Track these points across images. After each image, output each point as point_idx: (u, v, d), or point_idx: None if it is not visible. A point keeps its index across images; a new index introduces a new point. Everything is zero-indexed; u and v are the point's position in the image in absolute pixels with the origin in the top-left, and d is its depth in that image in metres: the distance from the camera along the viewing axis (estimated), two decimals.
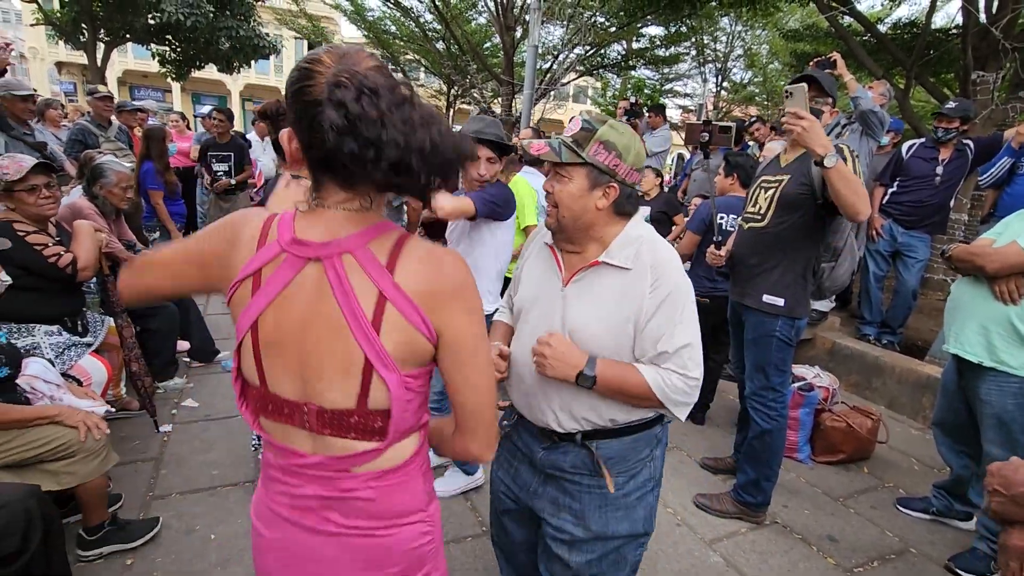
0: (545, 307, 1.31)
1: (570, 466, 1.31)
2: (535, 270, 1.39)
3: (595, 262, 1.24)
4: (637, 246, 1.23)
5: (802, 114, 1.87)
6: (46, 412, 1.91)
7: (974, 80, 5.12)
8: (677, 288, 1.20)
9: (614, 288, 1.22)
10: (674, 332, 1.19)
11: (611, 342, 1.22)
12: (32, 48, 25.12)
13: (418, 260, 0.81)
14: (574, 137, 1.21)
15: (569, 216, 1.23)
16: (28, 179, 2.35)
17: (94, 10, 11.77)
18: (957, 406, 2.45)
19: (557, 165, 1.23)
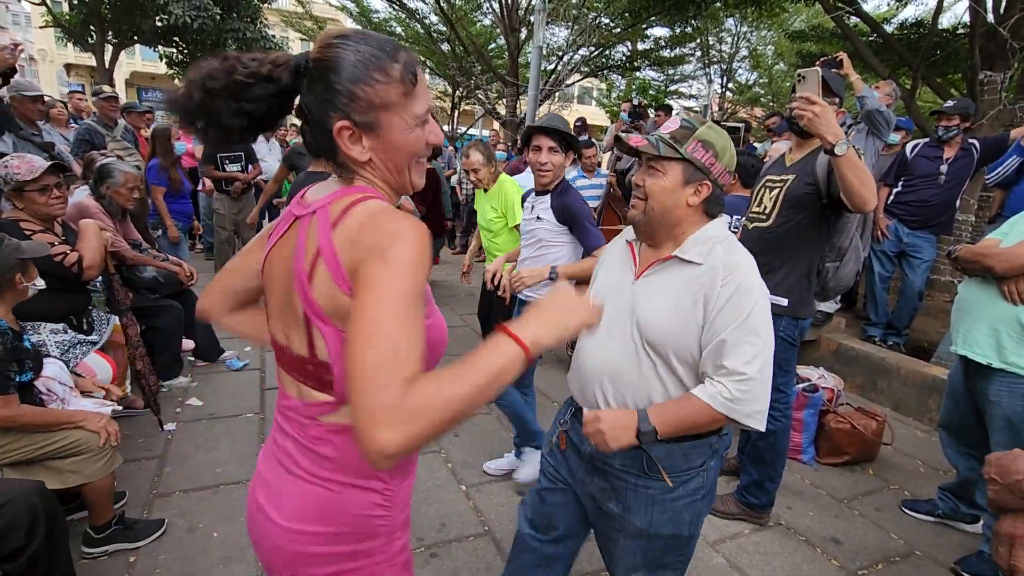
0: (616, 299, 1.32)
1: (619, 464, 1.31)
2: (613, 265, 1.42)
3: (668, 256, 1.26)
4: (711, 245, 1.24)
5: (814, 99, 1.79)
6: (73, 417, 1.94)
7: (981, 80, 5.08)
8: (749, 286, 1.19)
9: (683, 281, 1.23)
10: (739, 338, 1.16)
11: (677, 333, 1.22)
12: (41, 50, 25.35)
13: (357, 217, 0.79)
14: (672, 134, 1.23)
15: (659, 209, 1.25)
16: (40, 179, 2.38)
17: (103, 12, 11.88)
18: (964, 408, 2.43)
19: (652, 159, 1.25)
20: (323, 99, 0.81)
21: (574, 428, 1.43)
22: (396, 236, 0.75)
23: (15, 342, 1.85)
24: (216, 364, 3.82)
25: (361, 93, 0.80)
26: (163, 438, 2.88)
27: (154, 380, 2.76)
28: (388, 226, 0.77)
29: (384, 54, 0.82)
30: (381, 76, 0.81)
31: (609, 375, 1.30)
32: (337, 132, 0.81)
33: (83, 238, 2.59)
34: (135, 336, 2.72)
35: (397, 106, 0.83)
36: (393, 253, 0.74)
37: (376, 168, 0.87)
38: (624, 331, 1.28)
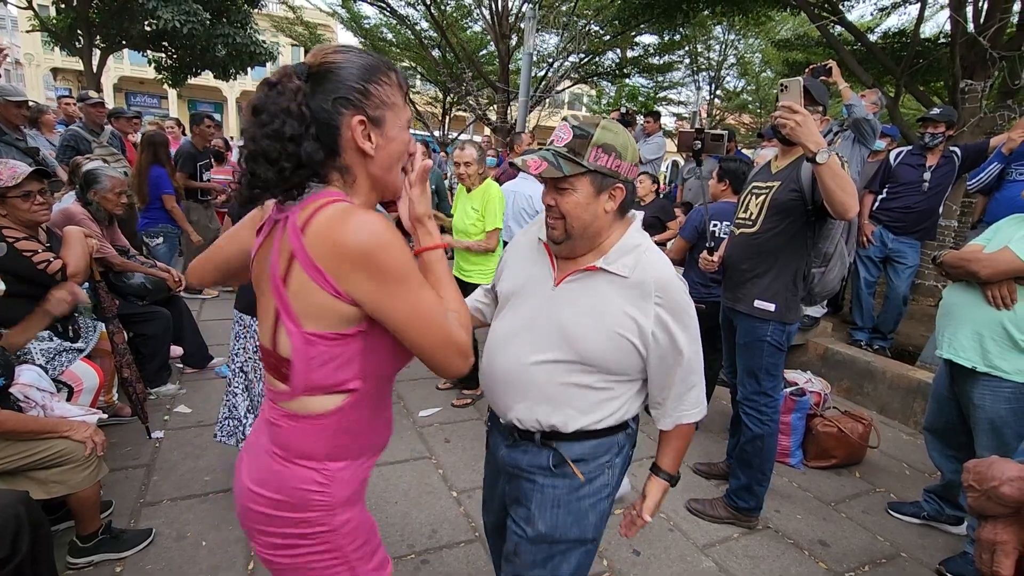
0: (533, 304, 1.29)
1: (527, 464, 1.31)
2: (524, 263, 1.36)
3: (591, 267, 1.22)
4: (637, 255, 1.22)
5: (796, 108, 1.83)
6: (58, 427, 1.91)
7: (963, 88, 5.18)
8: (680, 298, 1.22)
9: (613, 295, 1.21)
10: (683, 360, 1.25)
11: (609, 349, 1.21)
12: (28, 54, 25.08)
13: (324, 222, 0.85)
14: (569, 146, 1.17)
15: (579, 225, 1.20)
16: (23, 185, 2.35)
17: (90, 17, 11.77)
18: (948, 411, 2.46)
19: (557, 178, 1.18)
20: (335, 97, 0.87)
21: (492, 433, 1.46)
22: (369, 255, 0.84)
23: None
24: (205, 371, 3.79)
25: (374, 91, 0.90)
26: (151, 446, 2.85)
27: (141, 387, 2.73)
28: (356, 242, 0.84)
29: (383, 62, 0.94)
30: (386, 79, 0.92)
31: (522, 380, 1.27)
32: (353, 127, 0.89)
33: (67, 245, 2.56)
34: (122, 343, 2.69)
35: (397, 107, 0.94)
36: (380, 271, 0.85)
37: (372, 166, 0.94)
38: (547, 342, 1.24)
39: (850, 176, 1.97)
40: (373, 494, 2.57)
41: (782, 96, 1.90)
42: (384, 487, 2.66)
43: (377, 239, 0.84)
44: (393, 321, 0.89)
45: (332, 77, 0.87)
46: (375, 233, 0.84)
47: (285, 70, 0.88)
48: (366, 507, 1.12)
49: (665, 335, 1.21)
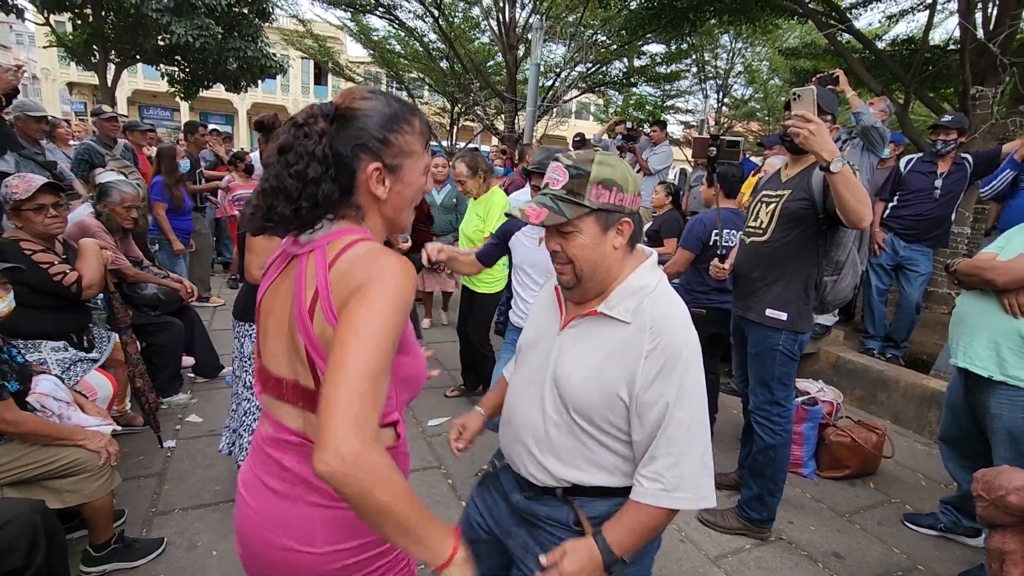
0: (542, 351, 1.23)
1: (546, 516, 1.22)
2: (540, 310, 1.32)
3: (592, 311, 1.15)
4: (639, 299, 1.13)
5: (809, 117, 1.80)
6: (74, 435, 1.94)
7: (973, 95, 5.16)
8: (676, 350, 1.07)
9: (609, 341, 1.12)
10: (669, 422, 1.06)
11: (596, 397, 1.11)
12: (44, 69, 25.61)
13: (350, 259, 0.86)
14: (567, 187, 1.11)
15: (589, 268, 1.13)
16: (36, 198, 2.39)
17: (106, 32, 12.02)
18: (964, 421, 2.43)
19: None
20: (356, 142, 0.89)
21: (504, 477, 1.34)
22: (383, 277, 0.83)
23: None
24: (216, 381, 3.82)
25: (394, 140, 0.92)
26: (162, 455, 2.87)
27: (154, 397, 2.75)
28: (376, 266, 0.84)
29: (408, 110, 0.95)
30: (408, 128, 0.94)
31: (531, 432, 1.20)
32: (369, 173, 0.91)
33: (83, 257, 2.60)
34: (135, 353, 2.72)
35: (416, 155, 0.96)
36: (372, 299, 0.81)
37: (384, 208, 0.96)
38: (543, 387, 1.19)
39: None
40: None
41: (795, 105, 1.88)
42: None
43: (381, 270, 0.83)
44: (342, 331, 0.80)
45: (356, 123, 0.90)
46: (384, 266, 0.84)
47: (312, 110, 0.90)
48: None
49: (651, 388, 1.07)
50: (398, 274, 0.84)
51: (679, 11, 8.12)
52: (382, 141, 0.91)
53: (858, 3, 7.66)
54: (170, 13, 10.91)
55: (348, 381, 0.76)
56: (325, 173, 0.87)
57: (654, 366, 1.06)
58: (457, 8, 13.84)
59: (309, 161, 0.86)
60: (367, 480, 0.73)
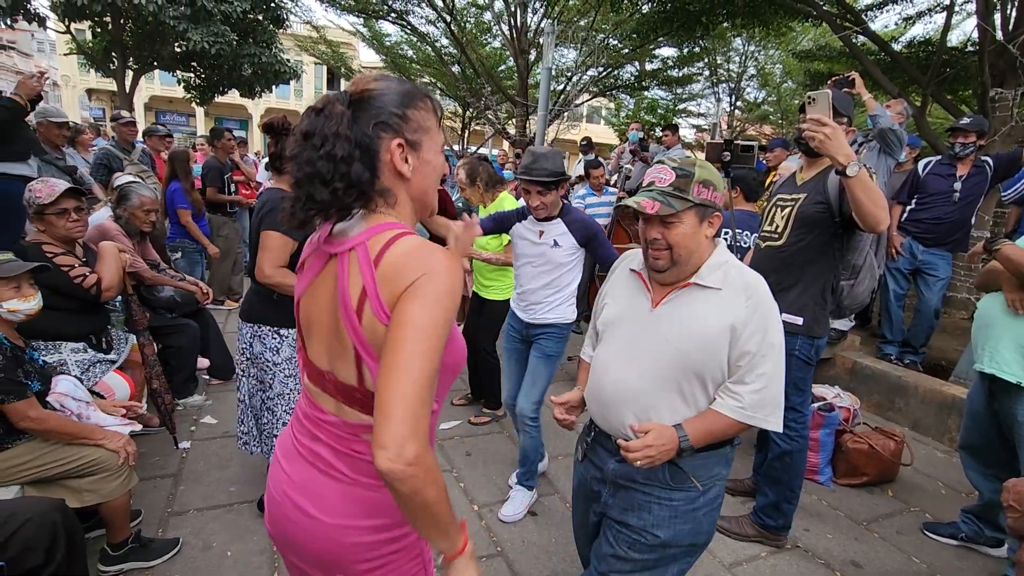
0: (634, 326, 1.42)
1: (643, 478, 1.40)
2: (620, 292, 1.51)
3: (687, 283, 1.35)
4: (725, 269, 1.36)
5: (825, 121, 1.79)
6: (94, 434, 1.97)
7: (992, 97, 5.08)
8: (769, 303, 1.33)
9: (708, 306, 1.33)
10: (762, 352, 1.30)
11: (707, 354, 1.31)
12: (65, 76, 26.14)
13: (397, 255, 0.87)
14: (674, 185, 1.32)
15: (686, 253, 1.34)
16: (59, 203, 2.44)
17: (124, 40, 12.24)
18: (986, 428, 2.38)
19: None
20: (375, 122, 0.90)
21: (595, 452, 1.53)
22: (434, 276, 0.84)
23: (14, 351, 1.87)
24: (231, 383, 3.85)
25: (412, 115, 0.93)
26: (178, 456, 2.90)
27: (170, 399, 2.78)
28: (425, 262, 0.85)
29: (420, 90, 0.97)
30: (423, 104, 0.96)
31: (634, 402, 1.38)
32: (392, 148, 0.92)
33: (102, 260, 2.64)
34: (152, 355, 2.75)
35: (433, 131, 0.98)
36: (426, 293, 0.83)
37: (411, 188, 0.97)
38: (650, 358, 1.36)
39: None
40: None
41: (810, 109, 1.85)
42: None
43: (433, 267, 0.85)
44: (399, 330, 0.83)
45: (372, 103, 0.91)
46: (434, 264, 0.85)
47: (328, 97, 0.91)
48: None
49: (750, 334, 1.30)
50: (447, 272, 0.86)
51: (692, 14, 8.10)
52: (401, 117, 0.92)
53: (874, 5, 7.58)
54: (187, 20, 11.09)
55: (406, 382, 0.80)
56: (353, 152, 0.88)
57: (752, 317, 1.30)
58: (469, 13, 13.91)
59: (335, 141, 0.87)
60: (423, 480, 0.79)
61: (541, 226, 2.52)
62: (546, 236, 2.50)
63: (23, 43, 29.15)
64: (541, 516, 2.65)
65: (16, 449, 1.86)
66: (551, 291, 2.55)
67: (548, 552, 2.40)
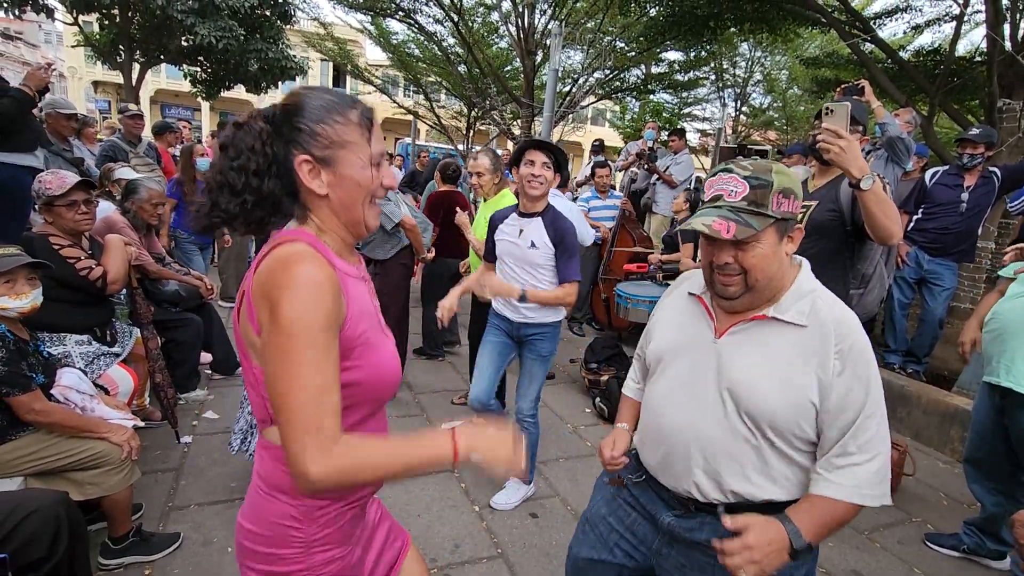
0: (694, 359, 1.20)
1: (707, 538, 1.15)
2: (676, 319, 1.29)
3: (762, 315, 1.13)
4: (812, 300, 1.13)
5: (841, 133, 1.75)
6: (99, 428, 1.97)
7: (1000, 108, 5.06)
8: (864, 351, 1.09)
9: (787, 346, 1.11)
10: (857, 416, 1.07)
11: (783, 405, 1.09)
12: (71, 68, 26.17)
13: (268, 263, 0.88)
14: (748, 199, 1.09)
15: (764, 278, 1.11)
16: (69, 195, 2.44)
17: (132, 33, 12.26)
18: (991, 441, 2.36)
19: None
20: (287, 139, 0.91)
21: (645, 493, 1.32)
22: (273, 285, 0.84)
23: (18, 344, 1.87)
24: (233, 378, 3.85)
25: (321, 131, 0.91)
26: (179, 451, 2.90)
27: (172, 393, 2.78)
28: (284, 274, 0.84)
29: (343, 101, 0.94)
30: (340, 118, 0.92)
31: (698, 442, 1.17)
32: (298, 165, 0.91)
33: (108, 253, 2.64)
34: (155, 349, 2.75)
35: (354, 145, 0.93)
36: (281, 303, 0.83)
37: (332, 204, 0.95)
38: (710, 395, 1.16)
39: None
40: (396, 506, 2.56)
41: (827, 119, 1.81)
42: (407, 499, 2.66)
43: (290, 281, 0.83)
44: (270, 345, 0.85)
45: (288, 120, 0.91)
46: (294, 276, 0.83)
47: (252, 112, 0.93)
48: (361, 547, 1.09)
49: (845, 385, 1.07)
50: (309, 281, 0.84)
51: (699, 19, 8.09)
52: (309, 133, 0.90)
53: (883, 13, 7.58)
54: (194, 14, 11.11)
55: (291, 408, 0.82)
56: (268, 168, 0.90)
57: (847, 367, 1.07)
58: (476, 13, 13.92)
59: (249, 155, 0.88)
60: (341, 482, 0.84)
61: (522, 223, 2.51)
62: (525, 236, 2.49)
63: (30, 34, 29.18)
64: (542, 518, 2.64)
65: (20, 441, 1.86)
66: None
67: (548, 555, 2.39)
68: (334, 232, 0.96)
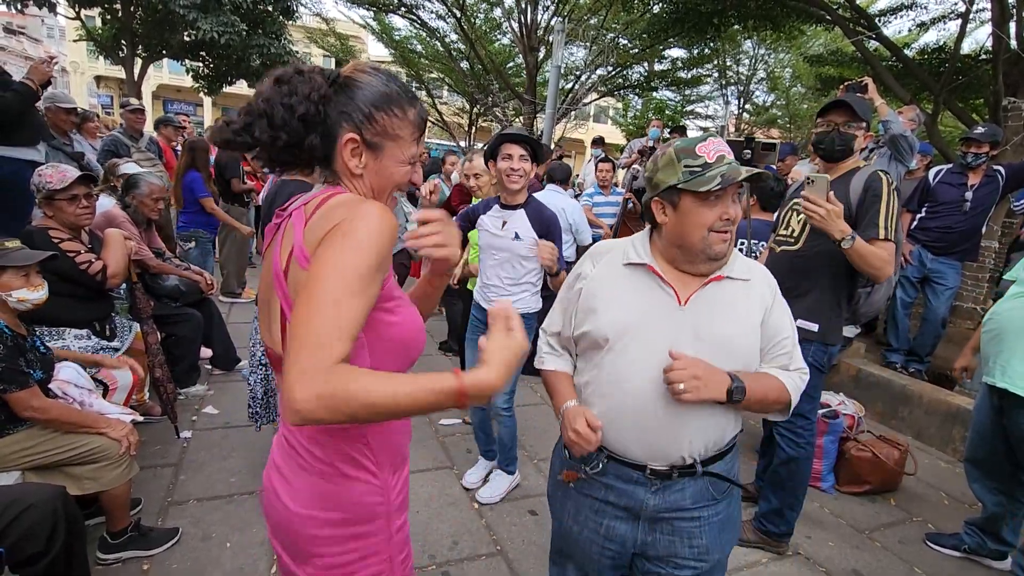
0: (661, 330, 1.21)
1: (691, 501, 1.25)
2: (624, 292, 1.27)
3: (719, 276, 1.25)
4: (743, 260, 1.32)
5: (820, 203, 1.96)
6: (98, 422, 1.97)
7: (1005, 106, 5.03)
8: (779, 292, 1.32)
9: (743, 299, 1.26)
10: (790, 335, 1.30)
11: (753, 348, 1.26)
12: (73, 62, 26.15)
13: (327, 207, 0.87)
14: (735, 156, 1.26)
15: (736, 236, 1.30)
16: (70, 189, 2.43)
17: (134, 28, 12.24)
18: (992, 442, 2.35)
19: (739, 187, 1.22)
20: (342, 110, 0.91)
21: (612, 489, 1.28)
22: (358, 215, 0.82)
23: (16, 340, 1.86)
24: (232, 373, 3.85)
25: (378, 117, 0.92)
26: (179, 446, 2.90)
27: (172, 388, 2.78)
28: (353, 208, 0.84)
29: (406, 96, 0.95)
30: (399, 112, 0.93)
31: (683, 414, 1.20)
32: (343, 141, 0.91)
33: (108, 247, 2.64)
34: (155, 344, 2.75)
35: (403, 141, 0.95)
36: (352, 227, 0.81)
37: (362, 185, 0.96)
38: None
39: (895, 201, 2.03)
40: None
41: (808, 189, 2.00)
42: None
43: (365, 213, 0.83)
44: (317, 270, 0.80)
45: (349, 92, 0.91)
46: (367, 211, 0.83)
47: (315, 68, 0.92)
48: None
49: (777, 315, 1.29)
50: (375, 216, 0.83)
51: (703, 15, 8.07)
52: (366, 115, 0.91)
53: (888, 10, 7.54)
54: (196, 9, 11.09)
55: (312, 321, 0.76)
56: (315, 119, 0.89)
57: (777, 304, 1.29)
58: (479, 9, 13.88)
59: (302, 100, 0.87)
60: (331, 411, 0.73)
61: (505, 215, 2.51)
62: (508, 227, 2.49)
63: (33, 28, 29.18)
64: (541, 515, 2.64)
65: (17, 435, 1.85)
66: (512, 283, 2.57)
67: (547, 552, 2.38)
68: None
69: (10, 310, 1.91)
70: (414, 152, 0.97)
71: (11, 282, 1.88)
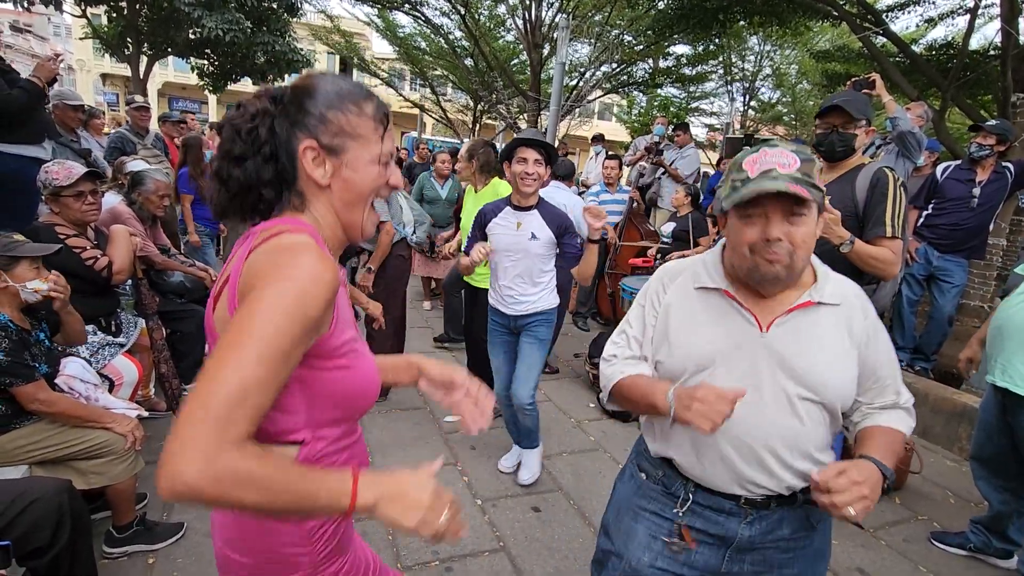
0: (745, 359, 1.15)
1: (791, 532, 1.20)
2: (701, 319, 1.20)
3: (808, 302, 1.13)
4: (832, 279, 1.19)
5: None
6: (104, 417, 1.98)
7: (1014, 102, 4.98)
8: (875, 312, 1.22)
9: (833, 327, 1.14)
10: (895, 369, 1.20)
11: (845, 381, 1.15)
12: (79, 60, 26.29)
13: (267, 248, 0.79)
14: (802, 171, 1.05)
15: (806, 257, 1.10)
16: (77, 185, 2.45)
17: (139, 26, 12.28)
18: (998, 440, 2.34)
19: (797, 204, 1.06)
20: (294, 120, 0.85)
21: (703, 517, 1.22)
22: (289, 276, 0.74)
23: (20, 334, 1.88)
24: None
25: (332, 117, 0.85)
26: None
27: (177, 383, 2.79)
28: (289, 261, 0.76)
29: (359, 91, 0.88)
30: (354, 107, 0.87)
31: (782, 438, 1.14)
32: (302, 151, 0.84)
33: (113, 243, 2.65)
34: (160, 339, 2.76)
35: (365, 139, 0.87)
36: (281, 289, 0.73)
37: (332, 199, 0.88)
38: (773, 389, 1.13)
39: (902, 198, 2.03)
40: None
41: None
42: None
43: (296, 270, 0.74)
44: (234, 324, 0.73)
45: (298, 100, 0.85)
46: (299, 265, 0.75)
47: (260, 92, 0.88)
48: (359, 543, 1.08)
49: (875, 348, 1.18)
50: (306, 277, 0.74)
51: (708, 12, 8.02)
52: (319, 118, 0.84)
53: (895, 6, 7.48)
54: (201, 7, 11.11)
55: (213, 387, 0.68)
56: (256, 152, 0.83)
57: (874, 329, 1.18)
58: (483, 6, 13.85)
59: (234, 138, 0.84)
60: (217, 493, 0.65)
61: (519, 216, 2.53)
62: (524, 228, 2.52)
63: (39, 26, 29.34)
64: (544, 512, 2.64)
65: (24, 429, 1.87)
66: (528, 284, 2.58)
67: (551, 548, 2.39)
68: (331, 229, 0.89)
69: (14, 304, 1.93)
70: (382, 150, 0.89)
71: (25, 273, 1.91)
